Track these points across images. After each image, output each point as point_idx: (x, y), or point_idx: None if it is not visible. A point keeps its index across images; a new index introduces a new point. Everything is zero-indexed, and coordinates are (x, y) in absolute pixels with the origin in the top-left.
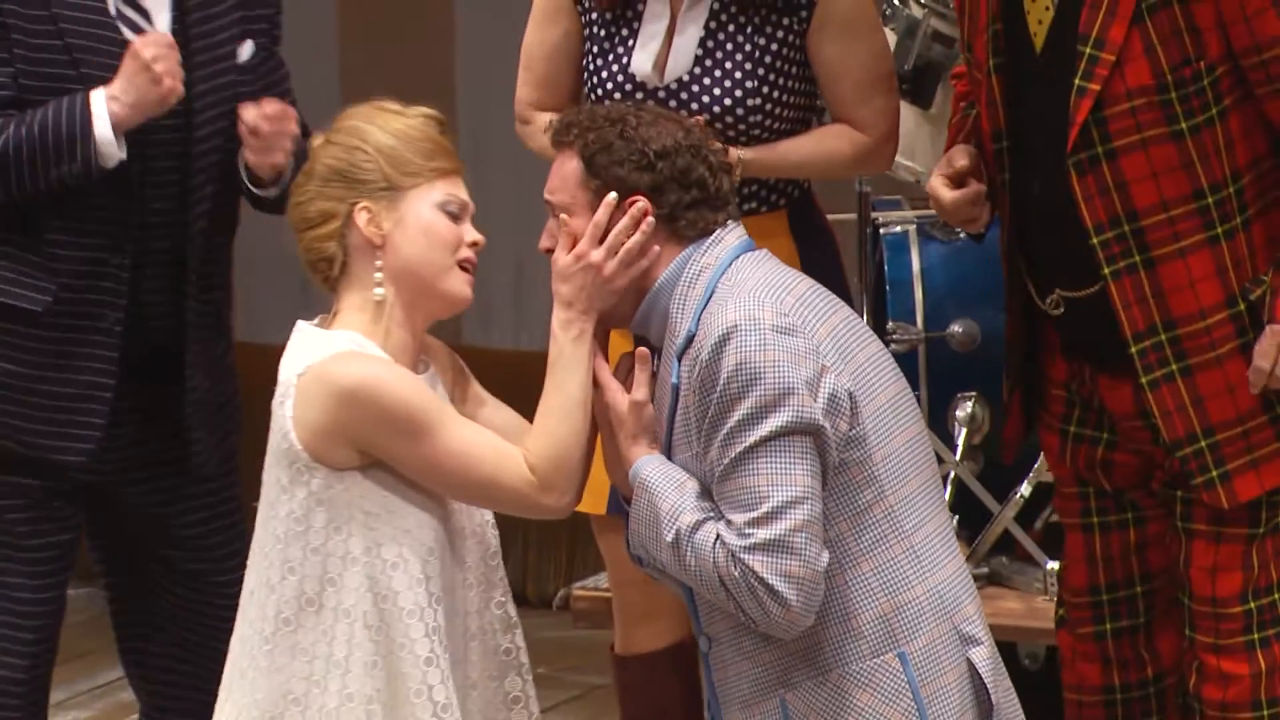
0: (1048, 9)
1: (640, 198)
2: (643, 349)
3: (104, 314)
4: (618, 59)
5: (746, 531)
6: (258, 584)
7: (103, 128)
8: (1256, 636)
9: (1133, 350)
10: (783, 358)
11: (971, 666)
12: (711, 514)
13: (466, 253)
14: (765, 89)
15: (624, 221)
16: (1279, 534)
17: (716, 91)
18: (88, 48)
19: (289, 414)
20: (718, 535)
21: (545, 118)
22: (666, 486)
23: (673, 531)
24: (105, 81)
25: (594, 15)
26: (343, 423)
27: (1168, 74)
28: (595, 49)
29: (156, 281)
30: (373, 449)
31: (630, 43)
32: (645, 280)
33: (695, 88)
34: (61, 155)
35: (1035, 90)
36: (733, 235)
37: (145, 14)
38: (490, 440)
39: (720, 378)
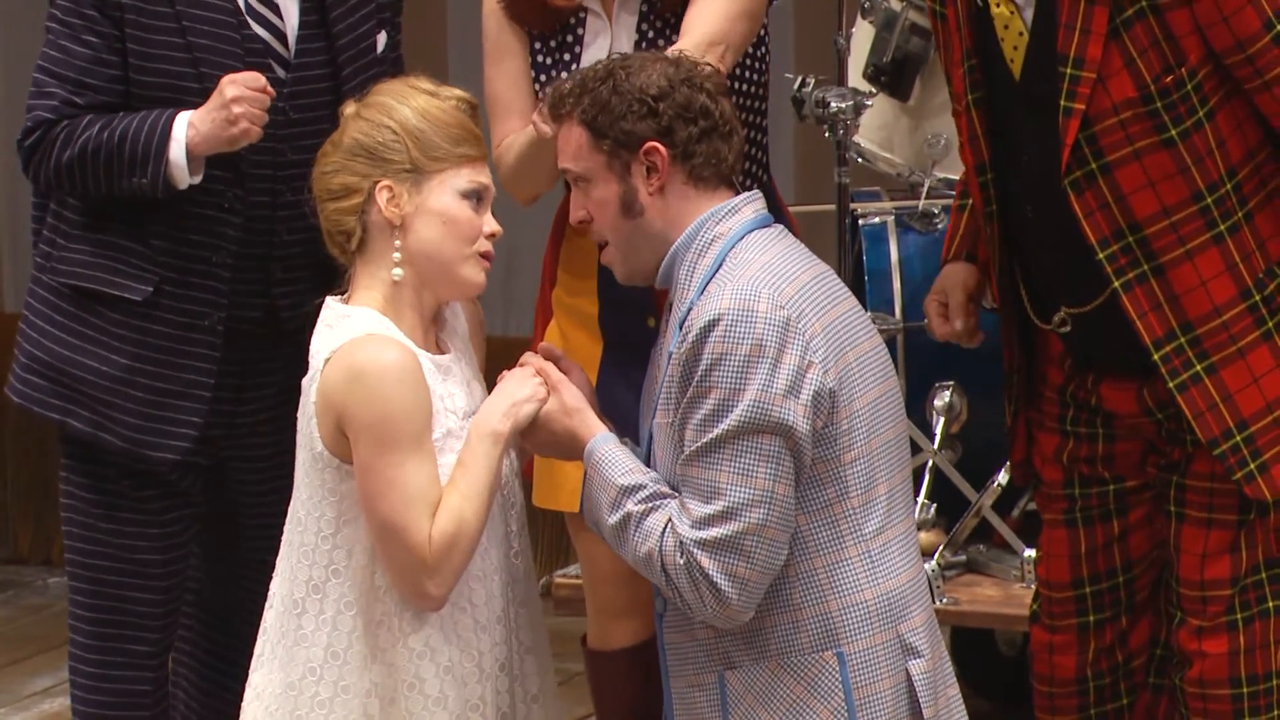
0: (1021, 34)
1: (653, 144)
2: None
3: (207, 313)
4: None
5: (700, 525)
6: (284, 562)
7: (177, 151)
8: (1240, 616)
9: (1155, 357)
10: (768, 353)
11: (909, 677)
12: (662, 501)
13: (485, 245)
14: None
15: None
16: (1267, 517)
17: None
18: (210, 47)
19: (313, 399)
20: (669, 521)
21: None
22: (616, 471)
23: (621, 514)
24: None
25: (537, 46)
26: (342, 401)
27: (1150, 85)
28: (544, 77)
29: (289, 271)
30: (346, 427)
31: (575, 66)
32: (676, 229)
33: None
34: (135, 167)
35: (1018, 116)
36: (750, 206)
37: (276, 8)
38: (428, 498)
39: (703, 362)
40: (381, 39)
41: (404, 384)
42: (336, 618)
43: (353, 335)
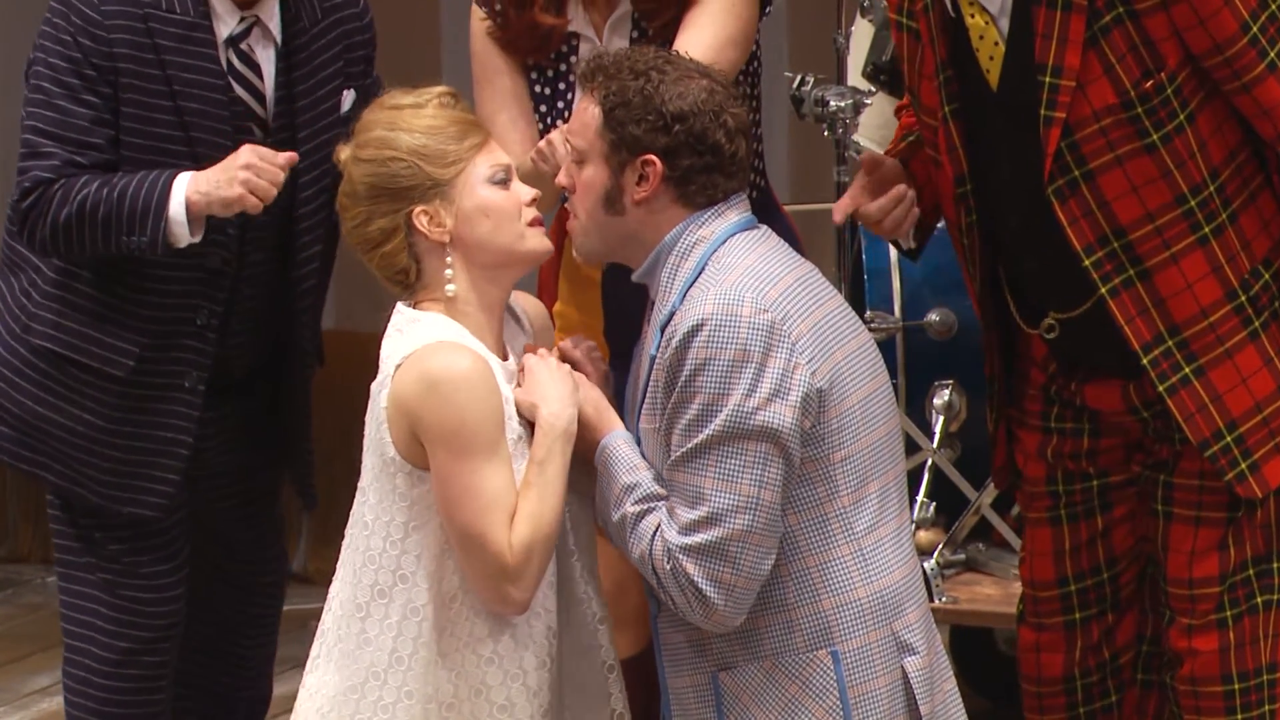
0: (997, 44)
1: (653, 157)
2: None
3: (188, 372)
4: (566, 111)
5: (685, 531)
6: (346, 566)
7: (176, 208)
8: (1229, 614)
9: (1144, 361)
10: (752, 357)
11: (905, 675)
12: (656, 503)
13: (531, 213)
14: None
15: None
16: (1254, 514)
17: None
18: (200, 110)
19: (383, 405)
20: (658, 526)
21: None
22: (622, 468)
23: (620, 513)
24: (210, 145)
25: (534, 76)
26: (417, 409)
27: (1130, 90)
28: (543, 107)
29: (242, 324)
30: (421, 435)
31: (570, 95)
32: (655, 235)
33: None
34: (134, 225)
35: (997, 126)
36: (734, 210)
37: (256, 69)
38: (505, 503)
39: (686, 368)
40: (348, 98)
41: (477, 391)
42: (402, 623)
43: (424, 341)
